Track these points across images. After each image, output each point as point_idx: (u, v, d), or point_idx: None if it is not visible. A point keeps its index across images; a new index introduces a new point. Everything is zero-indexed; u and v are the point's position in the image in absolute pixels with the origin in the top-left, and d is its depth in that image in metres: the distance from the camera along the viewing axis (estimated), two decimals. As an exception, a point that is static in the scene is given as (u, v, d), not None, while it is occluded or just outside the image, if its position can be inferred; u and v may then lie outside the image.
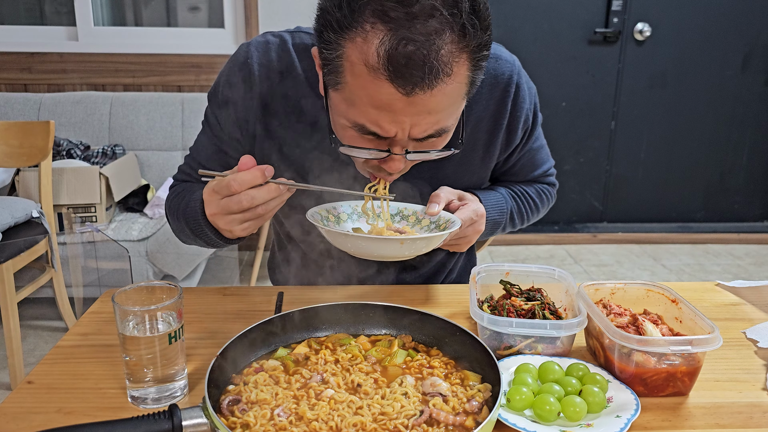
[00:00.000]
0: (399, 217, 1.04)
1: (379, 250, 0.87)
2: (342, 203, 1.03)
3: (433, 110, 0.80)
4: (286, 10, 3.15)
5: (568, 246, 3.79)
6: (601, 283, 0.93)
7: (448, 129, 0.86)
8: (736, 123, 3.78)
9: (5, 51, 3.09)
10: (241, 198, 0.82)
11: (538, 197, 1.23)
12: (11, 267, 2.13)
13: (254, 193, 0.82)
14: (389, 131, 0.82)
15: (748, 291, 1.12)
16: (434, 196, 1.00)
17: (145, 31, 3.29)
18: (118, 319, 0.74)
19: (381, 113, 0.80)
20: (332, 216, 1.01)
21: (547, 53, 3.59)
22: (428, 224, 1.02)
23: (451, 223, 0.96)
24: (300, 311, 0.86)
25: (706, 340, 0.75)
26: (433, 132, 0.83)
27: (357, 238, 0.86)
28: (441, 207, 0.99)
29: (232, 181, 0.82)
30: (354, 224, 1.02)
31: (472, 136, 1.09)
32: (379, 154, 0.86)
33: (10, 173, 2.58)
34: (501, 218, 1.13)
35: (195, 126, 2.94)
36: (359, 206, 1.03)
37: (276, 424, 0.67)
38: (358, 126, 0.83)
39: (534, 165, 1.22)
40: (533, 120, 1.14)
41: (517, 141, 1.13)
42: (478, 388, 0.74)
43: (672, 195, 3.90)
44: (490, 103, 1.07)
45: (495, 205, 1.12)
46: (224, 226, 0.88)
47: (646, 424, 0.73)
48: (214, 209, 0.86)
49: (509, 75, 1.07)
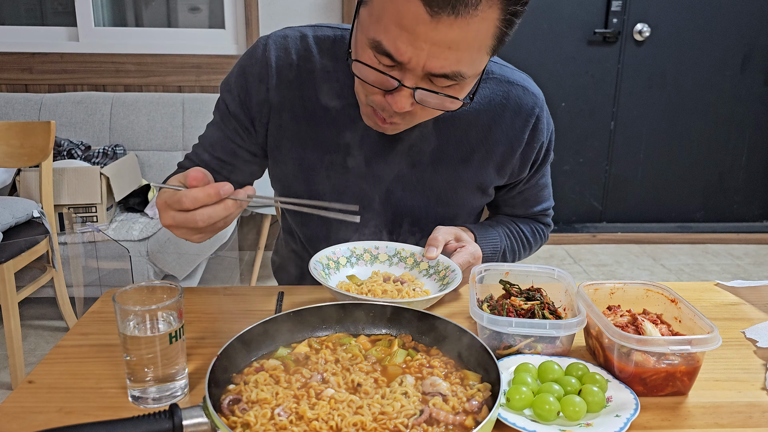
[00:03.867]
0: (397, 259, 1.07)
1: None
2: (340, 246, 1.06)
3: (453, 45, 0.78)
4: (287, 10, 3.15)
5: (567, 246, 3.79)
6: (600, 282, 0.94)
7: (465, 76, 0.83)
8: (735, 123, 3.78)
9: (6, 51, 3.09)
10: (196, 216, 0.79)
11: (532, 236, 1.24)
12: (12, 267, 2.13)
13: (210, 212, 0.80)
14: (404, 54, 0.80)
15: (748, 291, 1.12)
16: (432, 239, 1.02)
17: (145, 31, 3.29)
18: (119, 318, 0.74)
19: (402, 33, 0.78)
20: (332, 263, 1.04)
21: (546, 53, 3.60)
22: (427, 268, 1.05)
23: (452, 272, 1.00)
24: (300, 311, 0.86)
25: (705, 340, 0.76)
26: (449, 72, 0.81)
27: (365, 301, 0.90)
28: (439, 251, 1.01)
29: (184, 198, 0.79)
30: (353, 268, 1.06)
31: (487, 156, 1.10)
32: (389, 81, 0.84)
33: (11, 173, 2.58)
34: (494, 256, 1.15)
35: (195, 126, 2.95)
36: (357, 248, 1.07)
37: (276, 423, 0.67)
38: (376, 43, 0.81)
39: (536, 201, 1.23)
40: (545, 156, 1.16)
41: (525, 172, 1.15)
42: (478, 388, 0.74)
43: (671, 195, 3.91)
44: (510, 128, 1.09)
45: (489, 242, 1.13)
46: (182, 236, 0.87)
47: (646, 424, 0.73)
48: (169, 221, 0.83)
49: (532, 106, 1.09)
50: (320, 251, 1.04)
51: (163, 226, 0.86)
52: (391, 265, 1.06)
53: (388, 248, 1.07)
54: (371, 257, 1.08)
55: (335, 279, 1.03)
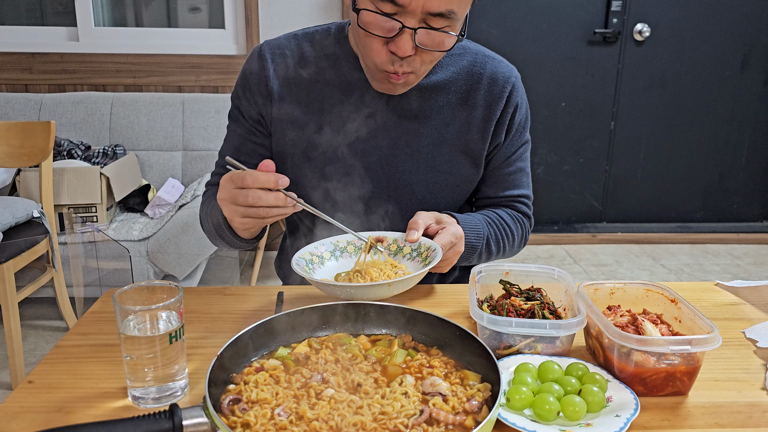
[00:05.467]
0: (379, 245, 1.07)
1: (368, 295, 0.93)
2: (323, 241, 1.08)
3: None
4: (287, 10, 3.15)
5: (567, 246, 3.79)
6: (600, 282, 0.94)
7: (457, 15, 0.95)
8: (735, 123, 3.78)
9: (6, 51, 3.09)
10: (249, 193, 0.90)
11: (513, 224, 1.23)
12: (12, 267, 2.13)
13: (262, 194, 0.90)
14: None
15: (748, 291, 1.12)
16: (412, 223, 1.04)
17: (145, 31, 3.29)
18: (119, 318, 0.74)
19: None
20: (316, 258, 1.06)
21: (546, 53, 3.60)
22: (410, 252, 1.06)
23: (433, 251, 1.01)
24: (300, 311, 0.87)
25: (705, 340, 0.76)
26: (444, 10, 0.92)
27: (348, 287, 0.92)
28: (420, 234, 1.03)
29: (248, 176, 0.90)
30: (338, 261, 1.08)
31: (468, 119, 1.17)
32: (392, 23, 0.93)
33: (11, 173, 2.58)
34: (478, 243, 1.14)
35: (195, 126, 2.95)
36: (340, 241, 1.09)
37: (276, 423, 0.67)
38: None
39: (512, 183, 1.24)
40: (520, 128, 1.21)
41: (501, 137, 1.19)
42: (478, 388, 0.74)
43: (671, 195, 3.91)
44: (488, 94, 1.17)
45: (473, 228, 1.13)
46: (227, 214, 0.97)
47: (646, 424, 0.73)
48: (224, 195, 0.94)
49: (508, 76, 1.18)
50: (303, 248, 1.06)
51: (218, 199, 0.97)
52: (376, 253, 1.06)
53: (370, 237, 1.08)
54: (355, 249, 1.09)
55: (320, 274, 1.04)
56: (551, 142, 3.71)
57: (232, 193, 0.92)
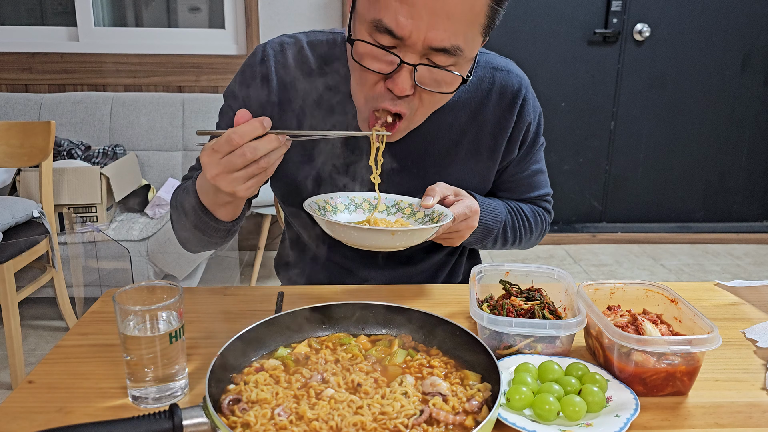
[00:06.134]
0: (395, 209, 1.07)
1: (370, 240, 0.89)
2: (339, 194, 1.05)
3: (450, 14, 0.82)
4: (287, 11, 3.15)
5: (567, 246, 3.79)
6: (600, 282, 0.94)
7: (462, 52, 0.87)
8: (735, 123, 3.78)
9: (6, 51, 3.09)
10: (245, 150, 0.81)
11: (533, 217, 1.23)
12: (12, 267, 2.13)
13: (256, 144, 0.81)
14: (405, 26, 0.83)
15: (748, 291, 1.12)
16: (430, 189, 1.01)
17: (145, 31, 3.29)
18: (119, 318, 0.74)
19: (401, 6, 0.82)
20: (329, 206, 1.03)
21: (546, 53, 3.60)
22: (422, 217, 1.04)
23: (444, 216, 0.98)
24: (300, 311, 0.87)
25: (705, 340, 0.76)
26: (449, 46, 0.85)
27: (350, 228, 0.88)
28: (435, 200, 1.00)
29: (233, 134, 0.80)
30: (351, 214, 1.05)
31: (477, 138, 1.12)
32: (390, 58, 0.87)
33: (11, 173, 2.58)
34: (495, 226, 1.13)
35: (195, 126, 2.95)
36: (356, 197, 1.06)
37: (276, 423, 0.67)
38: (376, 22, 0.85)
39: (531, 186, 1.23)
40: (534, 138, 1.17)
41: (515, 153, 1.15)
42: (478, 388, 0.74)
43: (671, 195, 3.91)
44: (498, 110, 1.11)
45: (491, 210, 1.12)
46: (227, 187, 0.85)
47: (646, 424, 0.73)
48: (216, 170, 0.83)
49: (518, 87, 1.11)
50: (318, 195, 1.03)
51: (209, 179, 0.85)
52: (389, 215, 1.05)
53: (387, 199, 1.07)
54: (369, 206, 1.07)
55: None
56: (551, 142, 3.70)
57: (224, 161, 0.82)
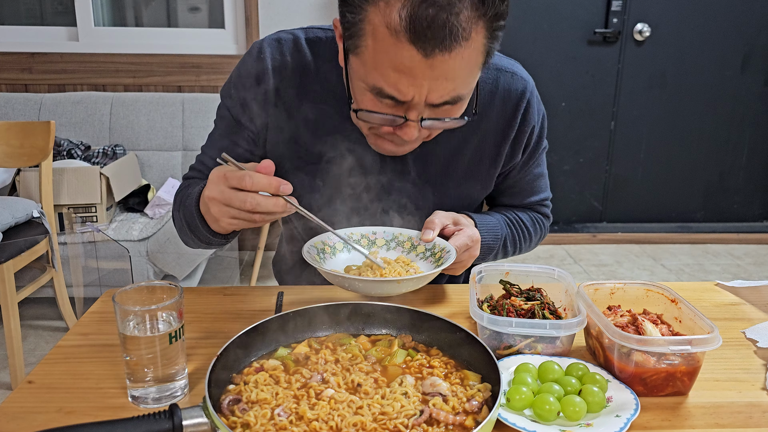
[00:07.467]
0: (394, 243, 1.07)
1: (377, 290, 0.91)
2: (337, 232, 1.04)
3: (450, 76, 0.83)
4: (287, 10, 3.15)
5: (567, 246, 3.79)
6: (600, 282, 0.94)
7: (464, 97, 0.89)
8: (735, 123, 3.78)
9: (6, 51, 3.09)
10: (248, 198, 0.81)
11: (532, 226, 1.23)
12: (12, 267, 2.13)
13: (261, 200, 0.82)
14: (407, 94, 0.84)
15: (748, 291, 1.12)
16: (429, 222, 1.01)
17: (145, 31, 3.29)
18: (119, 318, 0.74)
19: (401, 76, 0.83)
20: (327, 248, 1.03)
21: (546, 53, 3.60)
22: (423, 251, 1.04)
23: (446, 252, 0.98)
24: (300, 311, 0.86)
25: (705, 340, 0.76)
26: (449, 98, 0.86)
27: (355, 280, 0.89)
28: (436, 233, 1.00)
29: (247, 177, 0.80)
30: (349, 253, 1.05)
31: (480, 146, 1.11)
32: (396, 120, 0.89)
33: (10, 173, 2.58)
34: (495, 244, 1.13)
35: (195, 126, 2.95)
36: (354, 233, 1.06)
37: (276, 423, 0.67)
38: (377, 90, 0.86)
39: (532, 191, 1.23)
40: (537, 141, 1.16)
41: (518, 157, 1.15)
42: (478, 388, 0.74)
43: (671, 195, 3.91)
44: (501, 115, 1.10)
45: (490, 230, 1.12)
46: (215, 214, 0.86)
47: (646, 424, 0.73)
48: (216, 194, 0.85)
49: (522, 91, 1.10)
50: (316, 236, 1.03)
51: (205, 196, 0.87)
52: (389, 249, 1.05)
53: (386, 233, 1.06)
54: (369, 242, 1.06)
55: (330, 264, 1.01)
56: (551, 142, 3.66)
57: (226, 193, 0.83)
